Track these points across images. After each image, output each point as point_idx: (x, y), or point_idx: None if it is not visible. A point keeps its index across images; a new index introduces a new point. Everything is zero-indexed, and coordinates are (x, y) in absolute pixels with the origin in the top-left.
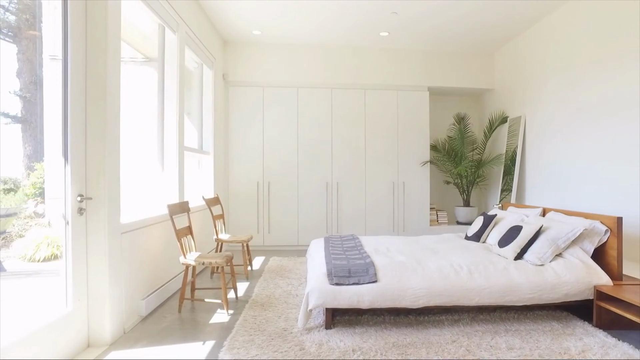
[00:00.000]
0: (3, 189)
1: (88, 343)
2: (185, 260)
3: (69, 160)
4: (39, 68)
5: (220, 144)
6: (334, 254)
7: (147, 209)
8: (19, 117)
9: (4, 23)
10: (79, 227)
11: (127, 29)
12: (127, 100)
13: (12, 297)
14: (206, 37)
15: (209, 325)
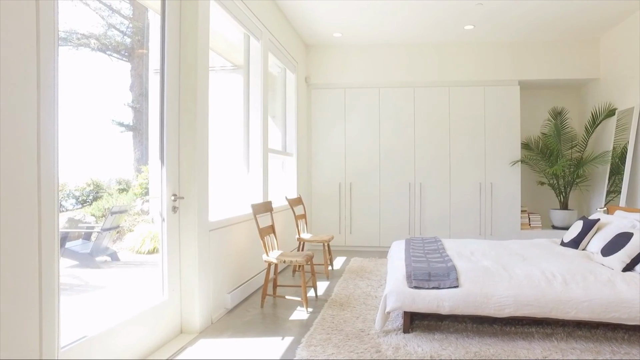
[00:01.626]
0: (118, 189)
1: (181, 329)
2: (268, 258)
3: (164, 162)
4: (146, 81)
5: (303, 146)
6: (414, 257)
7: (233, 208)
8: (131, 126)
9: (121, 45)
10: (173, 224)
11: (217, 40)
12: (216, 106)
13: (124, 283)
14: (288, 43)
15: (288, 322)
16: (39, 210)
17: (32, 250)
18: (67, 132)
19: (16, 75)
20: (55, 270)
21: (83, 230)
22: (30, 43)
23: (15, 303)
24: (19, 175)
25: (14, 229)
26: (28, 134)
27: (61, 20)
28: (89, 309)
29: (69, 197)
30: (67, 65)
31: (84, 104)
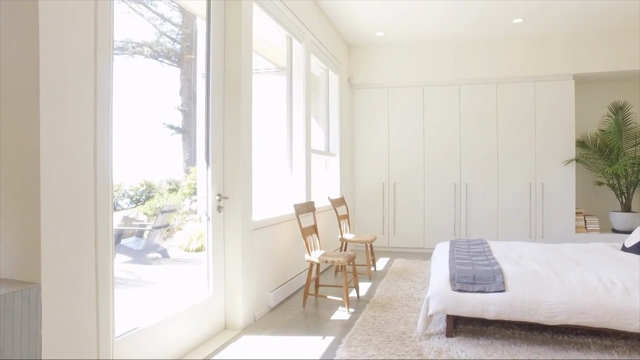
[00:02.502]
0: (168, 189)
1: (225, 326)
2: (310, 257)
3: (210, 163)
4: (194, 85)
5: (347, 146)
6: (459, 259)
7: (276, 208)
8: (180, 128)
9: (172, 52)
10: (218, 223)
11: (261, 43)
12: (261, 108)
13: (173, 279)
14: (331, 43)
15: (329, 321)
16: (95, 210)
17: (89, 247)
18: (123, 135)
19: (76, 84)
20: (110, 265)
21: (136, 228)
22: (88, 53)
23: (75, 296)
24: (78, 177)
25: (73, 227)
26: (86, 137)
27: (118, 30)
28: (140, 303)
29: (124, 197)
30: (123, 73)
31: (138, 109)
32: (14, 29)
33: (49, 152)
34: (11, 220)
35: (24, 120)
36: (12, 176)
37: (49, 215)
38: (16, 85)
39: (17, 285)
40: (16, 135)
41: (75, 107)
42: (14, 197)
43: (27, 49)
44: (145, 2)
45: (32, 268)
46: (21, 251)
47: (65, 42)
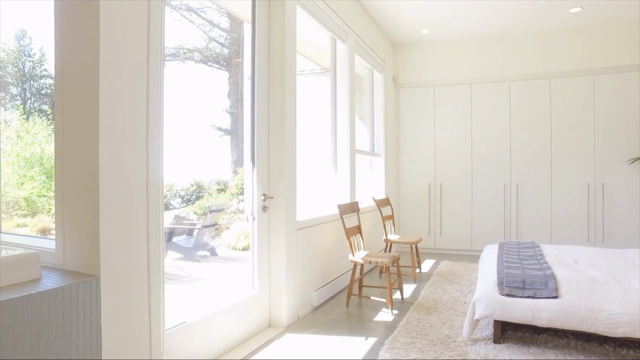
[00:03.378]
0: (217, 189)
1: (269, 323)
2: (354, 258)
3: (255, 164)
4: (241, 88)
5: (392, 146)
6: (508, 262)
7: (320, 208)
8: (229, 130)
9: (220, 56)
10: (263, 223)
11: (306, 44)
12: (306, 109)
13: (220, 276)
14: (375, 43)
15: (373, 322)
16: (147, 209)
17: (142, 244)
18: (175, 138)
19: (130, 91)
20: (161, 261)
21: (187, 227)
22: (141, 60)
23: (130, 289)
24: (131, 179)
25: (128, 225)
26: (139, 141)
27: (171, 38)
28: (189, 298)
29: (176, 197)
30: (175, 78)
31: (190, 112)
32: (78, 41)
33: (106, 156)
34: (75, 218)
35: (85, 126)
36: (75, 180)
37: (106, 215)
38: (78, 93)
39: (80, 277)
40: (78, 141)
41: (129, 113)
42: (77, 198)
43: (88, 58)
44: (196, 9)
45: (92, 262)
46: (83, 247)
47: (121, 51)
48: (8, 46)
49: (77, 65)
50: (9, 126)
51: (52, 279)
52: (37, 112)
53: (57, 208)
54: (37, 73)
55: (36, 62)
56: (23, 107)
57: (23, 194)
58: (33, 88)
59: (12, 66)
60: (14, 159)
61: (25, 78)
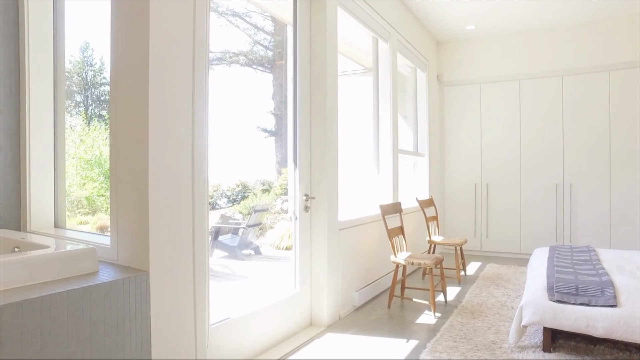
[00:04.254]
0: (261, 189)
1: (310, 322)
2: (396, 259)
3: (297, 164)
4: (285, 90)
5: (436, 146)
6: (559, 267)
7: (362, 208)
8: (273, 131)
9: (265, 59)
10: (305, 223)
11: (348, 45)
12: (349, 109)
13: (264, 275)
14: (418, 41)
15: (414, 325)
16: (193, 209)
17: (188, 242)
18: (222, 139)
19: (176, 95)
20: (206, 259)
21: (232, 226)
22: (187, 65)
23: (176, 284)
24: (178, 180)
25: (175, 224)
26: (185, 143)
27: (217, 42)
28: (233, 295)
29: (222, 197)
30: (222, 81)
31: (235, 114)
32: (131, 50)
33: (155, 158)
34: (127, 217)
35: (136, 130)
36: (127, 180)
37: (155, 214)
38: (130, 99)
39: (132, 271)
40: (130, 144)
41: (176, 117)
42: (129, 198)
43: (139, 66)
44: (241, 14)
45: (142, 258)
46: (135, 243)
47: (168, 59)
48: (74, 58)
49: (129, 73)
50: (74, 131)
51: (108, 273)
52: (97, 117)
53: (112, 207)
54: (98, 81)
55: (97, 71)
56: (85, 113)
57: (85, 194)
58: (94, 95)
59: (77, 76)
60: (77, 161)
61: (88, 86)
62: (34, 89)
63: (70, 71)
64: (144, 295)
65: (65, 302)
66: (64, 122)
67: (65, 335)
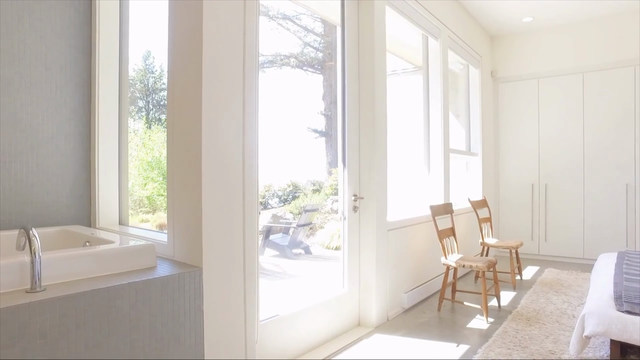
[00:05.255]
0: (312, 190)
1: (358, 322)
2: (446, 261)
3: (346, 164)
4: (335, 90)
5: (489, 145)
6: (628, 274)
7: (412, 209)
8: (324, 132)
9: (315, 60)
10: (353, 223)
11: (397, 44)
12: (398, 108)
13: (313, 274)
14: (470, 37)
15: (465, 329)
16: (244, 208)
17: (238, 240)
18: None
19: (227, 98)
20: (256, 257)
21: (283, 225)
22: (238, 69)
23: (228, 281)
24: (229, 181)
25: (226, 223)
26: (235, 144)
27: (268, 46)
28: (283, 293)
29: (274, 197)
30: (273, 83)
31: (287, 116)
32: (185, 57)
33: (208, 160)
34: (182, 215)
35: (190, 132)
36: (183, 181)
37: (208, 213)
38: (185, 103)
39: (187, 267)
40: (185, 146)
41: (228, 120)
42: (184, 197)
43: (193, 72)
44: (291, 17)
45: (196, 255)
46: (189, 241)
47: (220, 64)
48: (137, 66)
49: (184, 78)
50: (136, 135)
51: (165, 268)
52: (156, 121)
53: (169, 206)
54: (158, 87)
55: (157, 77)
56: (146, 117)
57: (146, 194)
58: (154, 100)
59: (140, 82)
60: (139, 162)
61: (149, 92)
62: (102, 97)
63: (133, 78)
64: (198, 290)
65: (127, 293)
66: (127, 127)
67: (128, 324)
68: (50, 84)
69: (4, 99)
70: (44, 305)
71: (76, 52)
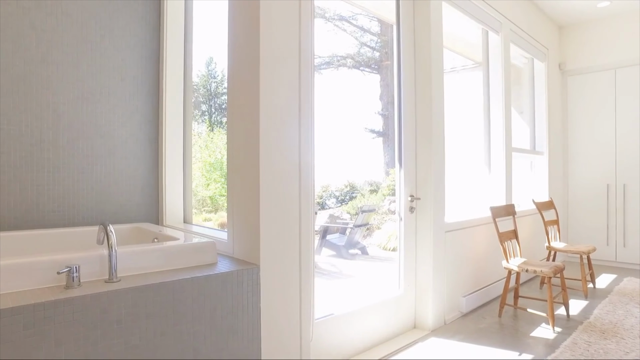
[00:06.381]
0: (369, 190)
1: (414, 325)
2: (508, 264)
3: (402, 164)
4: (392, 89)
5: (557, 142)
6: None
7: (471, 210)
8: (381, 132)
9: (372, 60)
10: (410, 223)
11: (456, 40)
12: (457, 106)
13: (369, 274)
14: (535, 29)
15: (529, 337)
16: (300, 209)
17: (294, 240)
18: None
19: (284, 101)
20: (311, 256)
21: (340, 226)
22: (294, 73)
23: (284, 279)
24: (286, 181)
25: (282, 223)
26: (292, 146)
27: (325, 47)
28: (339, 292)
29: (331, 197)
30: (330, 84)
31: (344, 116)
32: (243, 62)
33: (265, 161)
34: (241, 215)
35: (248, 135)
36: (241, 182)
37: (265, 213)
38: (243, 107)
39: (245, 264)
40: (244, 148)
41: (284, 123)
42: (243, 197)
43: (251, 77)
44: (348, 17)
45: (254, 253)
46: (247, 239)
47: (276, 68)
48: (201, 72)
49: (242, 81)
50: (200, 137)
51: (225, 264)
52: (218, 124)
53: (228, 205)
54: (219, 91)
55: (219, 82)
56: (209, 121)
57: (209, 194)
58: (216, 104)
59: (203, 88)
60: (202, 164)
61: (211, 96)
62: (169, 103)
63: (197, 84)
64: (255, 287)
65: (190, 287)
66: (191, 130)
67: (190, 316)
68: (125, 93)
69: (88, 108)
70: (119, 294)
71: (146, 62)
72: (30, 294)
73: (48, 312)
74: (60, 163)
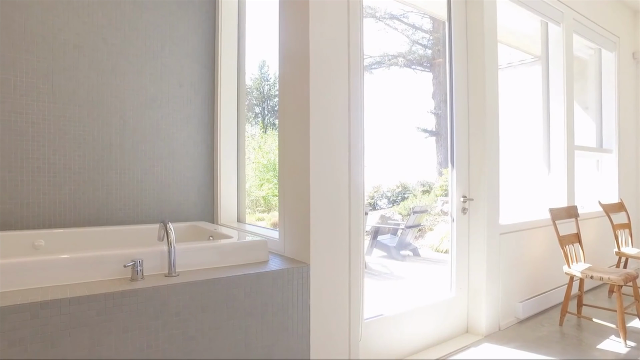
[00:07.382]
0: (421, 190)
1: (467, 329)
2: (570, 270)
3: (454, 164)
4: (444, 88)
5: (628, 140)
6: None
7: (529, 211)
8: (434, 131)
9: (424, 58)
10: (462, 225)
11: (513, 34)
12: (513, 103)
13: (420, 276)
14: (603, 16)
15: (595, 350)
16: (349, 210)
17: (344, 240)
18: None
19: (333, 102)
20: (361, 257)
21: (391, 226)
22: (343, 74)
23: (333, 279)
24: (336, 182)
25: (332, 223)
26: (342, 148)
27: (375, 46)
28: (389, 293)
29: (382, 197)
30: (381, 84)
31: (396, 116)
32: (294, 64)
33: (315, 163)
34: (292, 215)
35: (299, 136)
36: (292, 182)
37: (315, 213)
38: (294, 109)
39: (295, 263)
40: (294, 149)
41: (334, 124)
42: (294, 198)
43: (301, 79)
44: (398, 16)
45: (304, 252)
46: (298, 238)
47: (325, 69)
48: (254, 75)
49: (292, 82)
50: (253, 139)
51: (276, 262)
52: (271, 126)
53: (280, 205)
54: (272, 93)
55: (271, 84)
56: (262, 122)
57: (262, 194)
58: (269, 106)
59: (256, 90)
60: (255, 165)
61: (264, 98)
62: (224, 106)
63: (250, 87)
64: (305, 285)
65: (243, 283)
66: (245, 132)
67: (243, 311)
68: (183, 98)
69: (150, 113)
70: (177, 288)
71: (202, 68)
72: (101, 284)
73: (117, 301)
74: (126, 165)
